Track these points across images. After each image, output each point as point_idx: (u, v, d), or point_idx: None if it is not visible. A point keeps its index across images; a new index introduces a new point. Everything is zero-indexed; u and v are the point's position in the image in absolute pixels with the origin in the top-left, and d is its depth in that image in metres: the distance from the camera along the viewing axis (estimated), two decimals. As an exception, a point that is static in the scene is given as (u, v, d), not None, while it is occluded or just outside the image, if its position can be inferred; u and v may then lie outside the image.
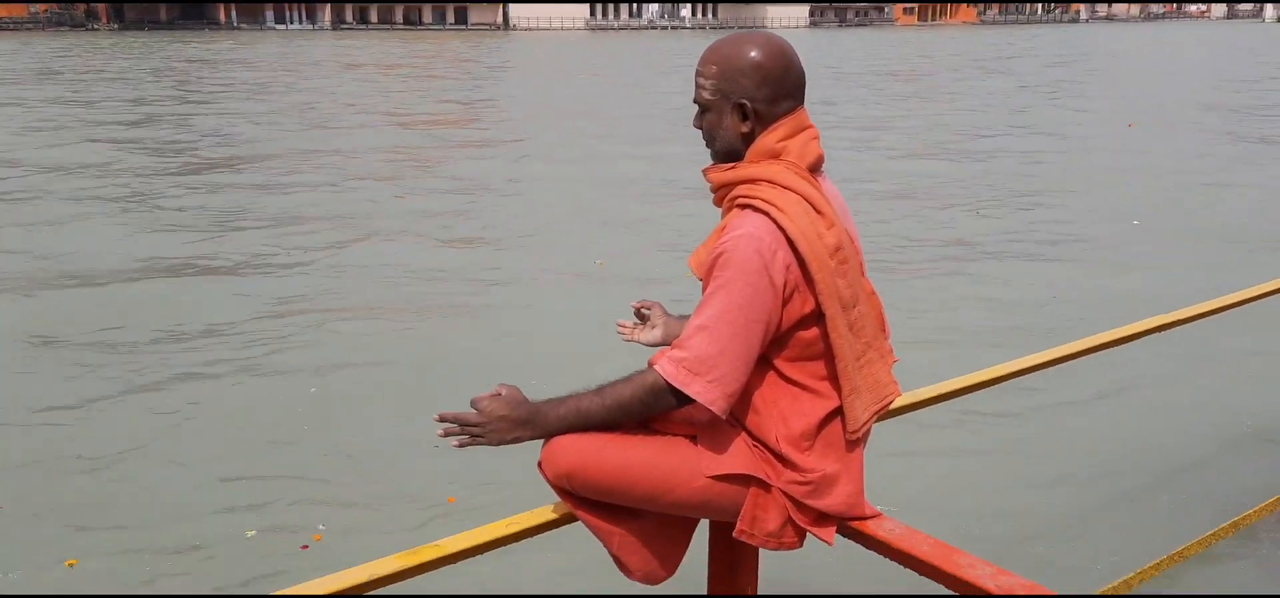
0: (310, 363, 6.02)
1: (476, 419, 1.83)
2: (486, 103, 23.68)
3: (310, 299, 7.31)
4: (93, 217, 10.19)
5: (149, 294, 7.48)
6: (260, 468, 4.69)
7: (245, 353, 6.20)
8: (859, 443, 1.90)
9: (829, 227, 1.81)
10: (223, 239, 9.19)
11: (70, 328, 6.64)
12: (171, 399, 5.49)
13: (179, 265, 8.29)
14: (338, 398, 5.51)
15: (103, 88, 25.41)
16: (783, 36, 1.92)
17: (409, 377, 5.80)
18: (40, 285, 7.67)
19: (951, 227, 9.81)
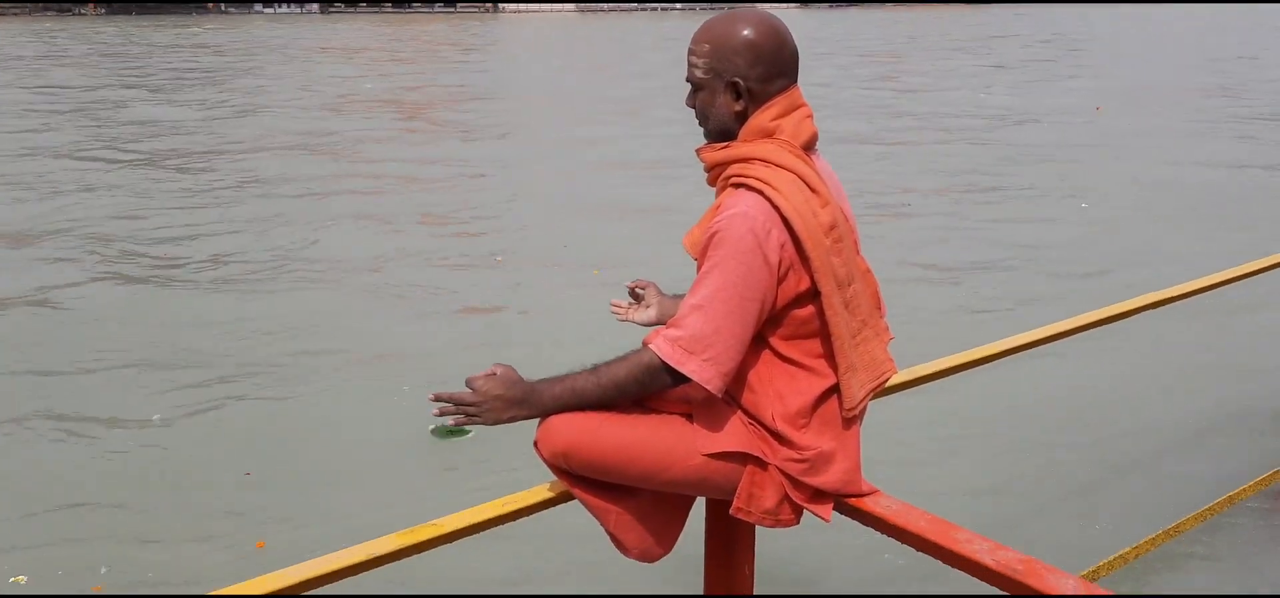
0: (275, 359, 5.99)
1: (472, 399, 1.83)
2: (463, 86, 23.57)
3: (279, 300, 7.26)
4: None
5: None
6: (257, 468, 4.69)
7: (221, 356, 6.16)
8: (855, 420, 1.90)
9: (823, 205, 1.80)
10: (180, 230, 9.14)
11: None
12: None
13: (146, 271, 8.25)
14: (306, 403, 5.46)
15: (59, 73, 25.06)
16: (775, 15, 1.91)
17: (385, 369, 5.76)
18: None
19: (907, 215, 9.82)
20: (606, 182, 11.16)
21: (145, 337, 6.14)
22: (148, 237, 8.63)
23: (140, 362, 5.76)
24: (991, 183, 11.21)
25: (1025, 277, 7.49)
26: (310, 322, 6.48)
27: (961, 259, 7.96)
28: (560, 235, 8.62)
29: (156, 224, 9.10)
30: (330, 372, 5.65)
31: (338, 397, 5.34)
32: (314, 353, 5.91)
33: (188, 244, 8.38)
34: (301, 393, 5.40)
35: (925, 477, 4.36)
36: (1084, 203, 10.08)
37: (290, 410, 5.18)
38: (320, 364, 5.76)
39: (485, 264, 7.83)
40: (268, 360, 5.81)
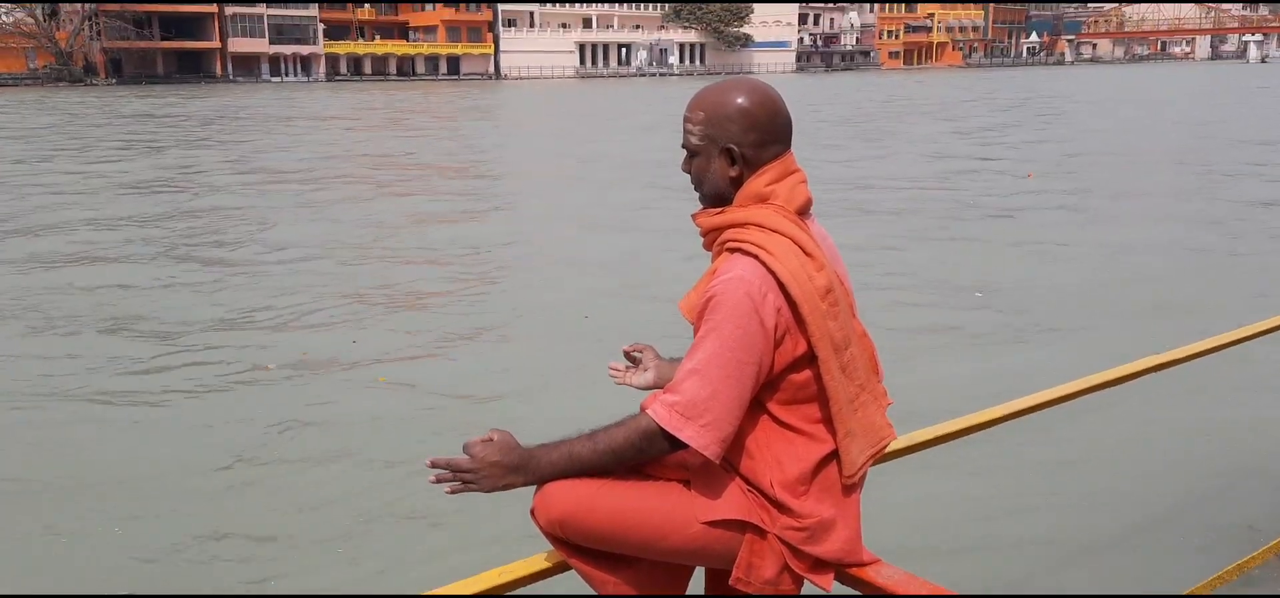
0: (273, 418, 5.96)
1: (469, 465, 1.81)
2: (471, 150, 23.80)
3: (285, 348, 7.27)
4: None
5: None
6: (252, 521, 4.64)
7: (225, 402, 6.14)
8: (855, 487, 1.88)
9: (819, 269, 1.80)
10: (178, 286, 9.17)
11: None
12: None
13: (132, 316, 8.26)
14: (313, 458, 5.43)
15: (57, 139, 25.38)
16: (768, 82, 1.94)
17: (387, 431, 5.73)
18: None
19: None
20: (615, 242, 11.21)
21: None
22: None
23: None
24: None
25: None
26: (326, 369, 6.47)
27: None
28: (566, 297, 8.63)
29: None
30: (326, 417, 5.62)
31: (339, 456, 5.30)
32: (322, 403, 5.89)
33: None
34: (307, 458, 5.36)
35: (927, 545, 4.31)
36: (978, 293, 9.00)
37: (301, 477, 5.14)
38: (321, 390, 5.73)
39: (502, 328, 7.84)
40: (263, 429, 5.78)
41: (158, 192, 16.29)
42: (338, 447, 5.53)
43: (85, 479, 5.14)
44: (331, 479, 5.13)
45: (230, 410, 6.11)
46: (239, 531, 4.58)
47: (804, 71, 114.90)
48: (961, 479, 4.89)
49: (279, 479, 5.14)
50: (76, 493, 4.98)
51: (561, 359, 6.98)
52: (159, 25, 77.87)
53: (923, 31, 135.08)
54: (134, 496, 4.95)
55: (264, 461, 5.36)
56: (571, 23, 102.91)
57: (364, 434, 5.69)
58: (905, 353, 6.81)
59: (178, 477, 5.16)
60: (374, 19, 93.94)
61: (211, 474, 5.17)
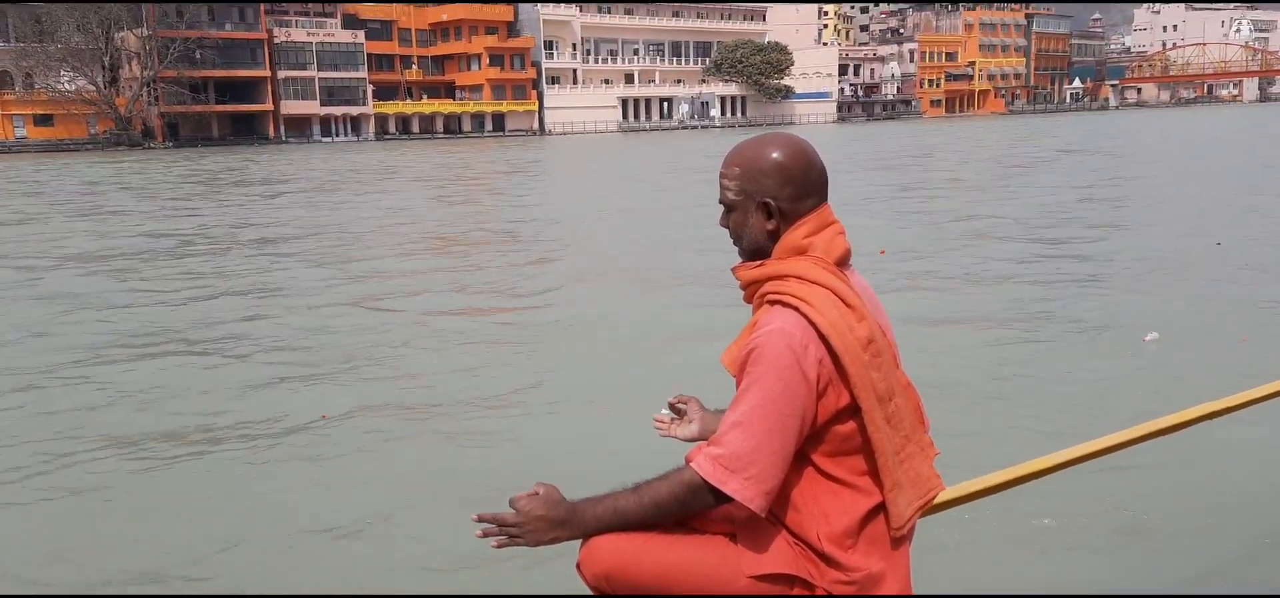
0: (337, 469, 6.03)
1: (514, 520, 1.83)
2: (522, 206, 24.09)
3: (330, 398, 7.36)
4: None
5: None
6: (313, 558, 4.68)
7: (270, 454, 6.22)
8: (904, 540, 1.87)
9: (860, 319, 1.81)
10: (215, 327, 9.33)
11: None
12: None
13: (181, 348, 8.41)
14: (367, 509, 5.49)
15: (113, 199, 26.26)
16: (804, 136, 1.97)
17: (428, 482, 5.76)
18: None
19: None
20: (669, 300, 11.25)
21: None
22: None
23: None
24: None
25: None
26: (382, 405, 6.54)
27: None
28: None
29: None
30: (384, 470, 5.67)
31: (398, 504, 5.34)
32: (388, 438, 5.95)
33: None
34: (349, 505, 5.40)
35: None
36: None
37: (344, 522, 5.18)
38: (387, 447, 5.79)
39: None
40: (329, 458, 5.84)
41: (199, 251, 16.70)
42: (382, 496, 5.57)
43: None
44: (373, 529, 5.16)
45: (285, 462, 6.19)
46: (286, 572, 4.62)
47: (845, 121, 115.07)
48: (1015, 531, 4.79)
49: (323, 520, 5.18)
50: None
51: (606, 410, 6.98)
52: (214, 90, 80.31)
53: (964, 79, 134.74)
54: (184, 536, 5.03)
55: (317, 506, 5.41)
56: (614, 79, 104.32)
57: (405, 485, 5.73)
58: (952, 400, 6.72)
59: (237, 526, 5.23)
60: (421, 79, 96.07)
61: (274, 526, 5.24)
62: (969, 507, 2.37)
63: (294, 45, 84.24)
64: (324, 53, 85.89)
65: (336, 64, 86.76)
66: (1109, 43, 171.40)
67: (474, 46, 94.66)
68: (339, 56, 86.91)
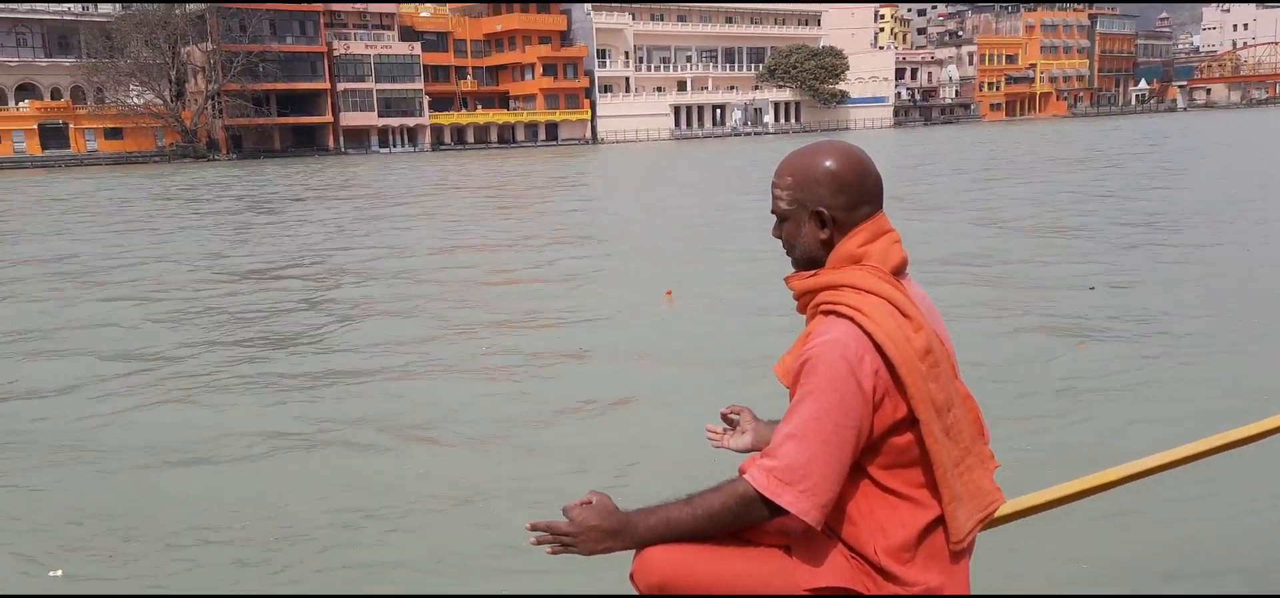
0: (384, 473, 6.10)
1: (567, 529, 1.83)
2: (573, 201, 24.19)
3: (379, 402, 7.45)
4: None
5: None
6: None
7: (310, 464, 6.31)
8: (963, 554, 1.83)
9: (917, 329, 1.78)
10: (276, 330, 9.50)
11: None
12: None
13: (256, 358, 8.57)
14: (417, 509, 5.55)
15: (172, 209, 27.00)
16: (859, 142, 1.94)
17: (480, 491, 5.80)
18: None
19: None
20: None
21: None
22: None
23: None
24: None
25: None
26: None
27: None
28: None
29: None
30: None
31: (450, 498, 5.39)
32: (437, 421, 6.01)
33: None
34: (401, 507, 5.46)
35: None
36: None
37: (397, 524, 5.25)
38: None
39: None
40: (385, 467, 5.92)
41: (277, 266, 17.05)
42: (438, 503, 5.63)
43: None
44: (429, 532, 5.21)
45: (343, 466, 6.28)
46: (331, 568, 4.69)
47: (902, 126, 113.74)
48: (1078, 546, 4.67)
49: (385, 523, 5.25)
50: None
51: (659, 419, 6.97)
52: (276, 103, 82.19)
53: (1025, 82, 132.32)
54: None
55: (371, 509, 5.49)
56: (666, 86, 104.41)
57: (460, 493, 5.78)
58: (1014, 411, 6.58)
59: (302, 524, 5.32)
60: (476, 90, 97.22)
61: (328, 529, 5.32)
62: (1032, 521, 2.31)
63: (353, 58, 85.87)
64: (382, 65, 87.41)
65: (394, 76, 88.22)
66: (1176, 43, 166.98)
67: (528, 56, 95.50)
68: (396, 68, 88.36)
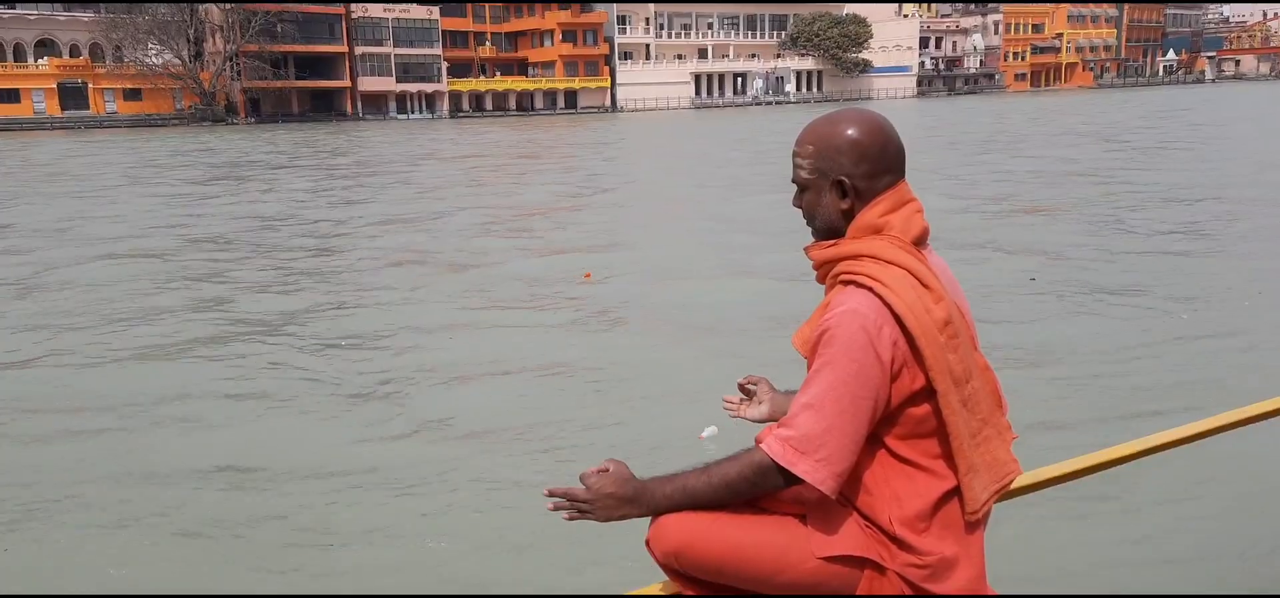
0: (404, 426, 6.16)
1: (584, 495, 1.85)
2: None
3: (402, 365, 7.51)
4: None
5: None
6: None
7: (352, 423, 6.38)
8: (978, 525, 1.83)
9: (937, 301, 1.77)
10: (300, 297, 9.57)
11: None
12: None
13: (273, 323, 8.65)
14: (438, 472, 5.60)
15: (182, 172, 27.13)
16: (881, 111, 1.93)
17: (499, 454, 5.84)
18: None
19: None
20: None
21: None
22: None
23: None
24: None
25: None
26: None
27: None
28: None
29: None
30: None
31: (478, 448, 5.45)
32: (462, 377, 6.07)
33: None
34: (426, 471, 5.52)
35: (1055, 588, 4.12)
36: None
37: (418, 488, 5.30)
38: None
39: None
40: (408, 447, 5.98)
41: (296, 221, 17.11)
42: (457, 467, 5.68)
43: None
44: (449, 497, 5.27)
45: (364, 420, 6.34)
46: (358, 531, 4.75)
47: (925, 96, 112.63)
48: (1094, 520, 4.67)
49: (401, 483, 5.31)
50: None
51: (676, 388, 6.99)
52: (294, 66, 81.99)
53: (1051, 52, 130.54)
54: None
55: (390, 466, 5.55)
56: (687, 54, 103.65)
57: (477, 455, 5.83)
58: (1035, 382, 6.56)
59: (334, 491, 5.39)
60: (495, 56, 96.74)
61: (342, 490, 5.38)
62: (1048, 492, 2.31)
63: (371, 21, 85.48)
64: (400, 29, 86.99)
65: (412, 40, 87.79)
66: (1205, 12, 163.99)
67: (547, 22, 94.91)
68: (414, 33, 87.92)
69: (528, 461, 5.74)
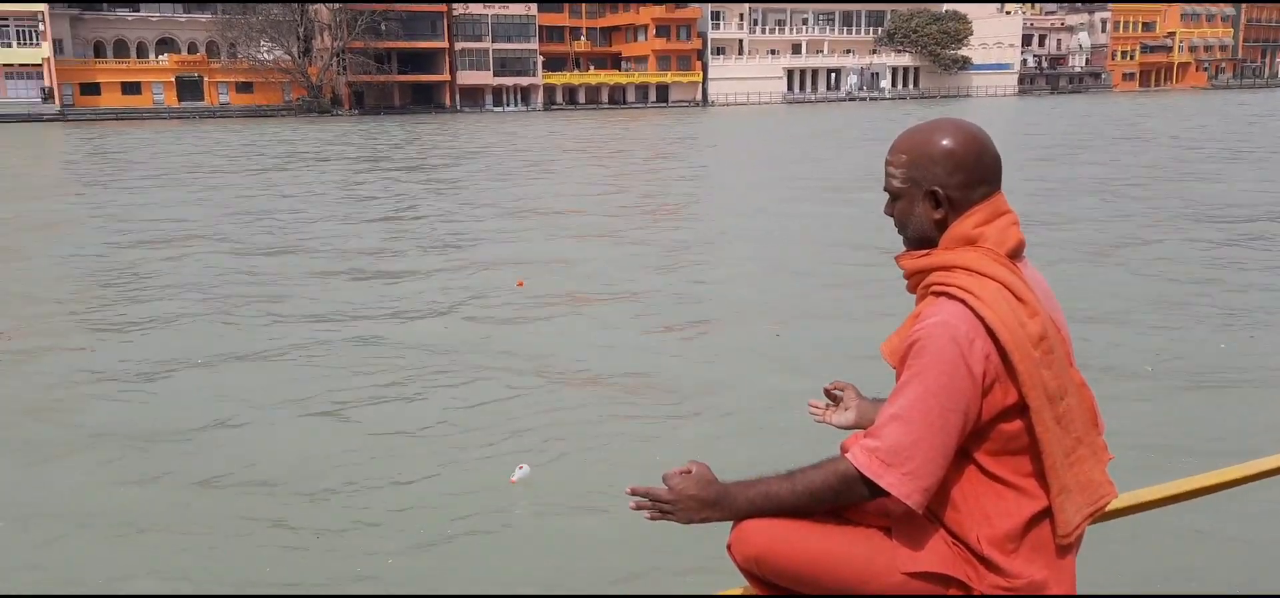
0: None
1: (667, 496, 1.85)
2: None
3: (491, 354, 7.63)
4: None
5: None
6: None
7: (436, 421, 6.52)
8: (1071, 548, 1.78)
9: (1032, 315, 1.73)
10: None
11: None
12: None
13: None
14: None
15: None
16: (984, 111, 1.88)
17: (572, 453, 5.89)
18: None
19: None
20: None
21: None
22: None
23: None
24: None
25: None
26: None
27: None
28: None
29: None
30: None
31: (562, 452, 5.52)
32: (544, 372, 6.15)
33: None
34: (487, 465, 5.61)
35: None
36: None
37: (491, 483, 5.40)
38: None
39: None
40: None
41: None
42: (530, 460, 5.76)
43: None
44: (524, 493, 5.34)
45: (447, 418, 6.48)
46: (448, 533, 4.86)
47: (1026, 94, 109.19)
48: (1193, 546, 4.47)
49: (475, 480, 5.41)
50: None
51: (759, 395, 6.95)
52: (397, 61, 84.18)
53: (1161, 51, 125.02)
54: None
55: (468, 460, 5.66)
56: (780, 49, 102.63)
57: (555, 455, 5.89)
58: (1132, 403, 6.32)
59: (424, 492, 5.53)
60: (589, 50, 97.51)
61: (428, 486, 5.51)
62: (1146, 516, 2.23)
63: (471, 18, 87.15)
64: (498, 25, 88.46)
65: (510, 35, 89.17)
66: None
67: (641, 17, 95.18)
68: (512, 28, 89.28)
69: (612, 462, 5.79)
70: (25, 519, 5.14)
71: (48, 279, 11.69)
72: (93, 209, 18.82)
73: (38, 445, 6.21)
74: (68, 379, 7.53)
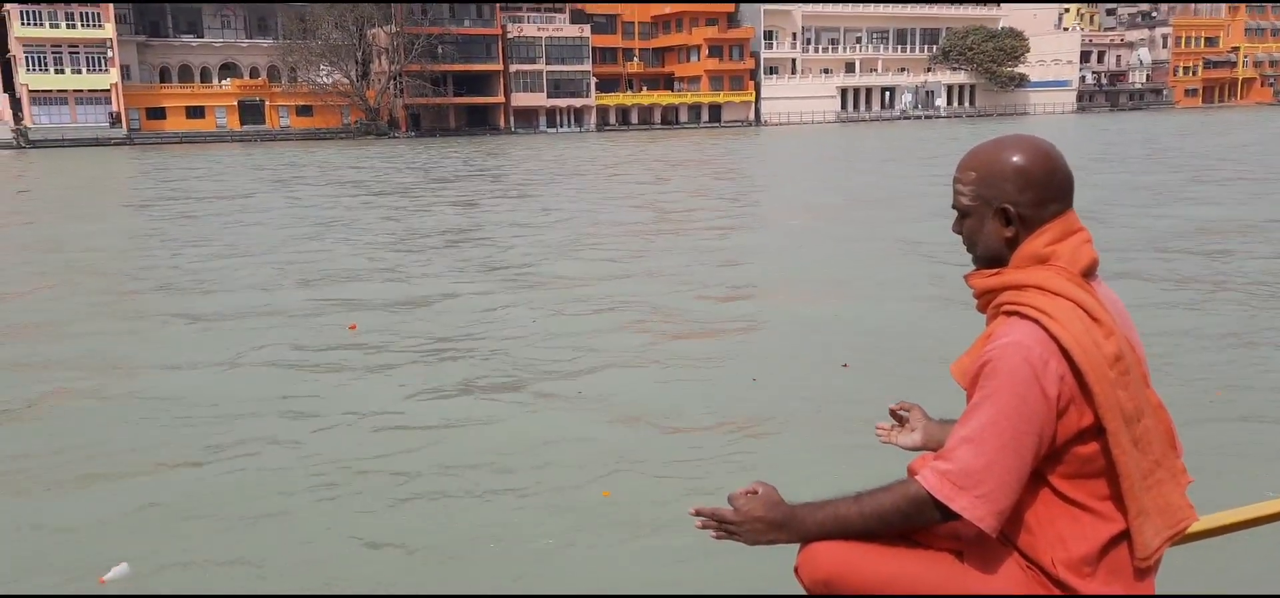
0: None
1: (732, 517, 1.85)
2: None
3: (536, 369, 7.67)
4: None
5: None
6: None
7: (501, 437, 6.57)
8: (1149, 572, 1.74)
9: (1107, 335, 1.70)
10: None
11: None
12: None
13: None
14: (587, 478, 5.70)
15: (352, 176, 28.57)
16: (1044, 128, 1.86)
17: (635, 471, 5.89)
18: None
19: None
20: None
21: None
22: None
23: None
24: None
25: None
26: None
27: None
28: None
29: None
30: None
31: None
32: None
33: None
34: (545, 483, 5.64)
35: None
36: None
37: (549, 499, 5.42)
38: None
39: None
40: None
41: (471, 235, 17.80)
42: (593, 480, 5.78)
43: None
44: (591, 510, 5.36)
45: (495, 441, 6.53)
46: (516, 546, 4.89)
47: (1085, 111, 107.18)
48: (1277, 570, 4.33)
49: (541, 494, 5.44)
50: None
51: (822, 415, 6.90)
52: (452, 83, 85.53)
53: (1225, 66, 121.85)
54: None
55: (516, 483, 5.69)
56: (834, 68, 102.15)
57: (616, 471, 5.90)
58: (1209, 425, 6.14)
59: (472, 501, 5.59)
60: (642, 71, 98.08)
61: (474, 505, 5.56)
62: (1227, 540, 2.17)
63: (525, 40, 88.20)
64: (552, 47, 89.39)
65: (563, 57, 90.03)
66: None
67: (694, 38, 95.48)
68: (566, 50, 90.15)
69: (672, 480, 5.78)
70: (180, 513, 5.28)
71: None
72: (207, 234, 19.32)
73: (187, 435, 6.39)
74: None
